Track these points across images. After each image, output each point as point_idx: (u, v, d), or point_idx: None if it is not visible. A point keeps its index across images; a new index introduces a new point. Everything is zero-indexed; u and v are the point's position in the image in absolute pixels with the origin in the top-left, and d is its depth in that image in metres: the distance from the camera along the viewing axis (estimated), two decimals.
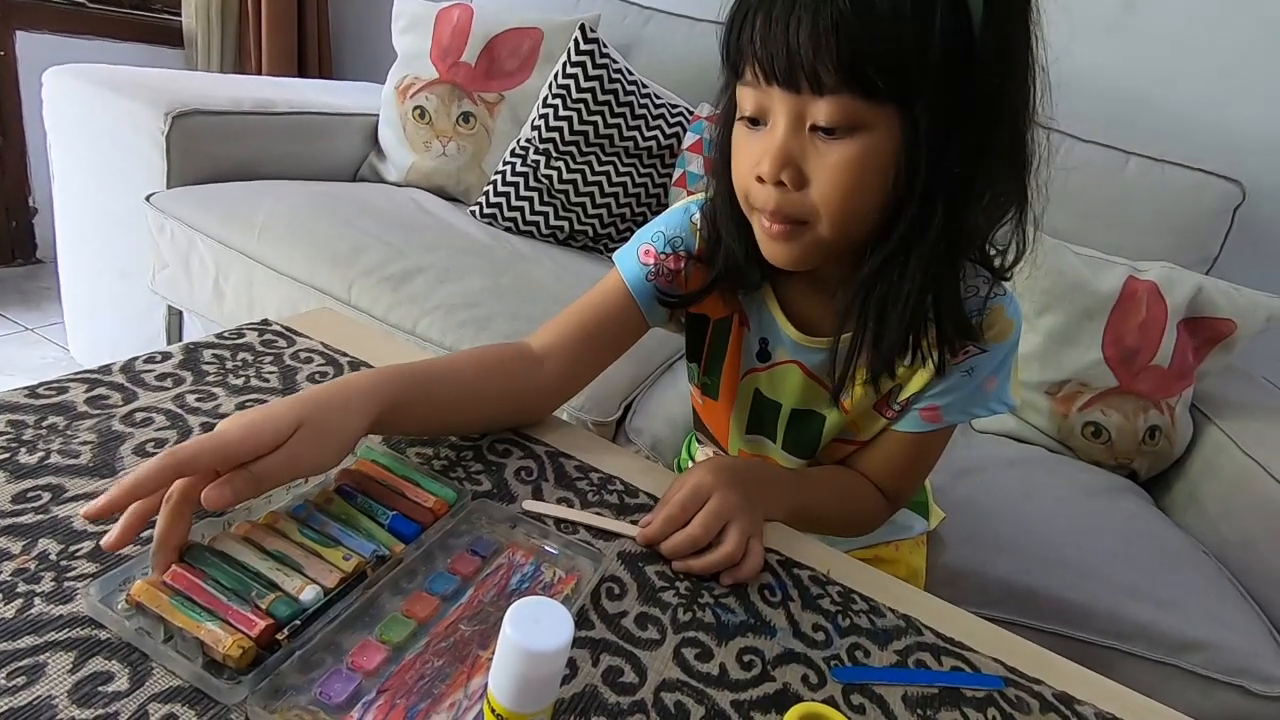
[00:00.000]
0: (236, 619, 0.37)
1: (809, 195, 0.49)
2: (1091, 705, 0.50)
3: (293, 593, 0.39)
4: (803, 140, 0.48)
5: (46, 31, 1.76)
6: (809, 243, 0.51)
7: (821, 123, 0.47)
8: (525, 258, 1.32)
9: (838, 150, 0.47)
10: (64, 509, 0.43)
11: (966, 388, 0.58)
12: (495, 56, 1.50)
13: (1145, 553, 0.96)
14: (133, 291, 1.33)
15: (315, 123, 1.49)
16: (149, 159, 1.22)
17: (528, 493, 0.56)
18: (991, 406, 0.59)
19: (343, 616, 0.39)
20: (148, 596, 0.37)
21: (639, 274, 0.63)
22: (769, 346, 0.63)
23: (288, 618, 0.38)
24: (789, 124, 0.48)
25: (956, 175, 0.48)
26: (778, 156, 0.48)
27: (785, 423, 0.66)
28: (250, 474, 0.40)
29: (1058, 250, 1.18)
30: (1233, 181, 1.31)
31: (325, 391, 0.47)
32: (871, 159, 0.47)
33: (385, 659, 0.39)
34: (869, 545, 0.75)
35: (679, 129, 1.45)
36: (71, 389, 0.53)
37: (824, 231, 0.50)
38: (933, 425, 0.60)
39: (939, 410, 0.60)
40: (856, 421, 0.65)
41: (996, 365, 0.58)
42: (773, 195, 0.49)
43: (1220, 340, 1.18)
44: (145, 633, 0.36)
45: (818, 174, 0.48)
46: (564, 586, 0.47)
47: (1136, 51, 1.44)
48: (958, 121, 0.46)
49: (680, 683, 0.43)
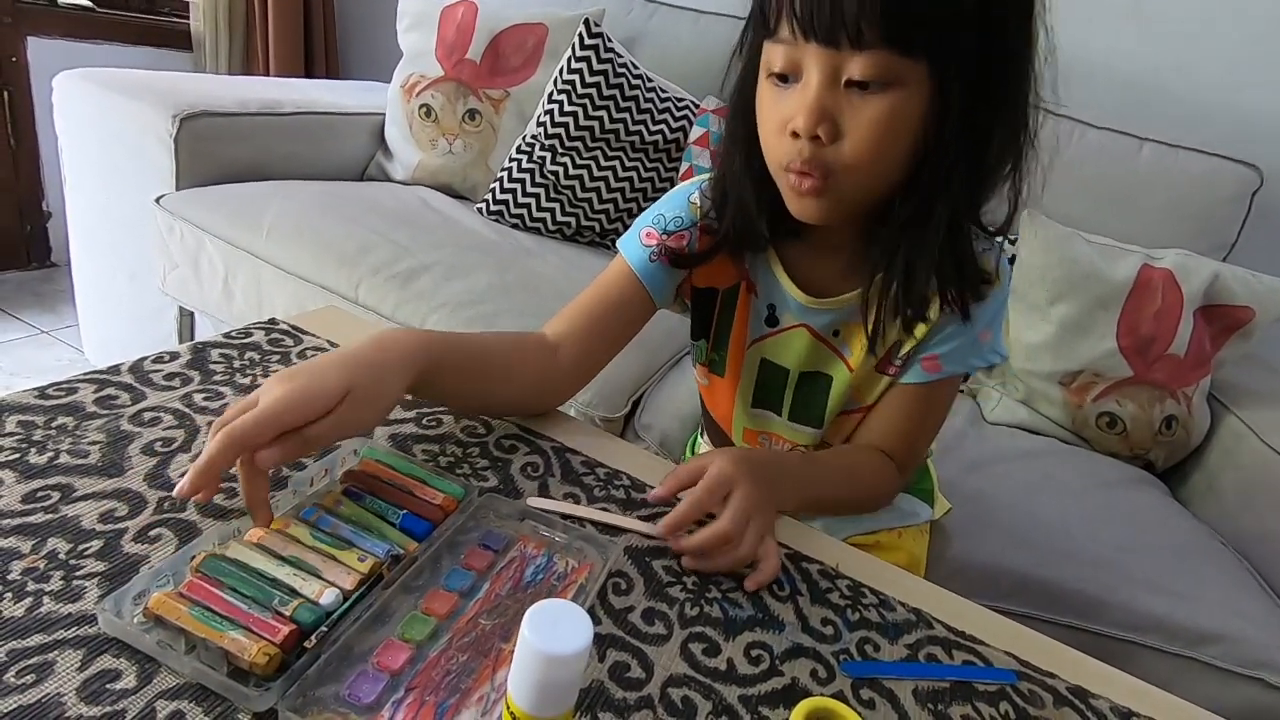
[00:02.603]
0: (259, 626, 0.37)
1: (842, 149, 0.50)
2: (1107, 699, 0.49)
3: (313, 597, 0.39)
4: (837, 95, 0.49)
5: (57, 37, 1.77)
6: (837, 197, 0.53)
7: (858, 77, 0.48)
8: (532, 253, 1.32)
9: (872, 105, 0.48)
10: (73, 508, 0.43)
11: (964, 337, 0.60)
12: (500, 53, 1.50)
13: (1161, 544, 0.95)
14: (144, 293, 1.34)
15: (322, 123, 1.49)
16: (158, 161, 1.23)
17: (534, 488, 0.56)
18: (987, 357, 0.61)
19: (363, 618, 0.39)
20: (166, 609, 0.36)
21: (642, 256, 0.64)
22: (776, 312, 0.64)
23: (311, 623, 0.38)
24: (824, 79, 0.48)
25: (978, 129, 0.50)
26: (814, 110, 0.49)
27: (793, 389, 0.66)
28: (301, 438, 0.43)
29: (1070, 239, 1.17)
30: (1250, 166, 1.29)
31: (369, 354, 0.49)
32: (902, 114, 0.49)
33: (410, 657, 0.39)
34: (871, 531, 0.74)
35: (685, 122, 1.44)
36: (81, 389, 0.54)
37: (852, 185, 0.52)
38: (934, 375, 0.61)
39: (939, 359, 0.61)
40: (860, 386, 0.65)
41: (991, 316, 0.60)
42: (806, 149, 0.50)
43: (1238, 328, 1.16)
44: (167, 645, 0.36)
45: (852, 128, 0.49)
46: (578, 576, 0.47)
47: (1150, 37, 1.42)
48: (983, 77, 0.49)
49: (687, 678, 0.43)
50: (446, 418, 0.62)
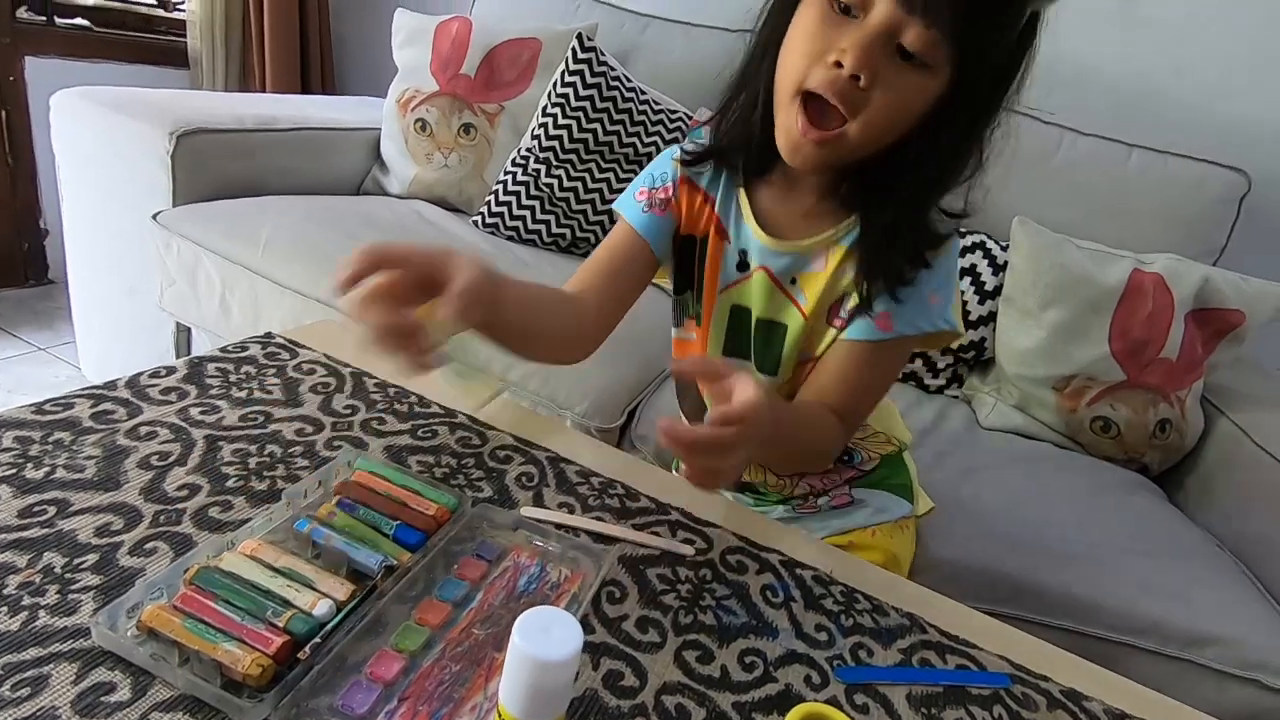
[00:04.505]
0: (252, 638, 0.37)
1: (869, 98, 0.52)
2: (1100, 701, 0.50)
3: (306, 608, 0.39)
4: (888, 52, 0.51)
5: (55, 56, 1.79)
6: (834, 152, 0.55)
7: (908, 46, 0.50)
8: (527, 265, 1.33)
9: (907, 77, 0.52)
10: (69, 522, 0.43)
11: (913, 299, 0.61)
12: (494, 67, 1.51)
13: (1157, 547, 0.95)
14: (142, 309, 1.34)
15: (318, 138, 1.50)
16: (154, 178, 1.24)
17: (529, 498, 0.56)
18: (935, 322, 0.61)
19: (357, 628, 0.40)
20: (159, 622, 0.37)
21: (636, 210, 0.67)
22: (747, 257, 0.66)
23: (305, 634, 0.38)
24: (884, 32, 0.50)
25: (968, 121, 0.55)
26: (869, 52, 0.50)
27: (757, 336, 0.67)
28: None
29: (1061, 245, 1.17)
30: (1237, 171, 1.30)
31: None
32: (924, 94, 0.53)
33: (403, 668, 0.39)
34: (844, 531, 0.74)
35: (678, 134, 1.45)
36: (77, 405, 0.54)
37: (856, 143, 0.54)
38: (884, 334, 0.61)
39: (890, 318, 0.61)
40: (810, 336, 0.65)
41: (939, 281, 0.61)
42: (838, 80, 0.52)
43: (1229, 331, 1.17)
44: (160, 658, 0.36)
45: (883, 89, 0.52)
46: (571, 585, 0.47)
47: (1138, 43, 1.44)
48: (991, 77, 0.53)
49: (681, 685, 0.43)
50: (441, 428, 0.62)
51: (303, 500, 0.49)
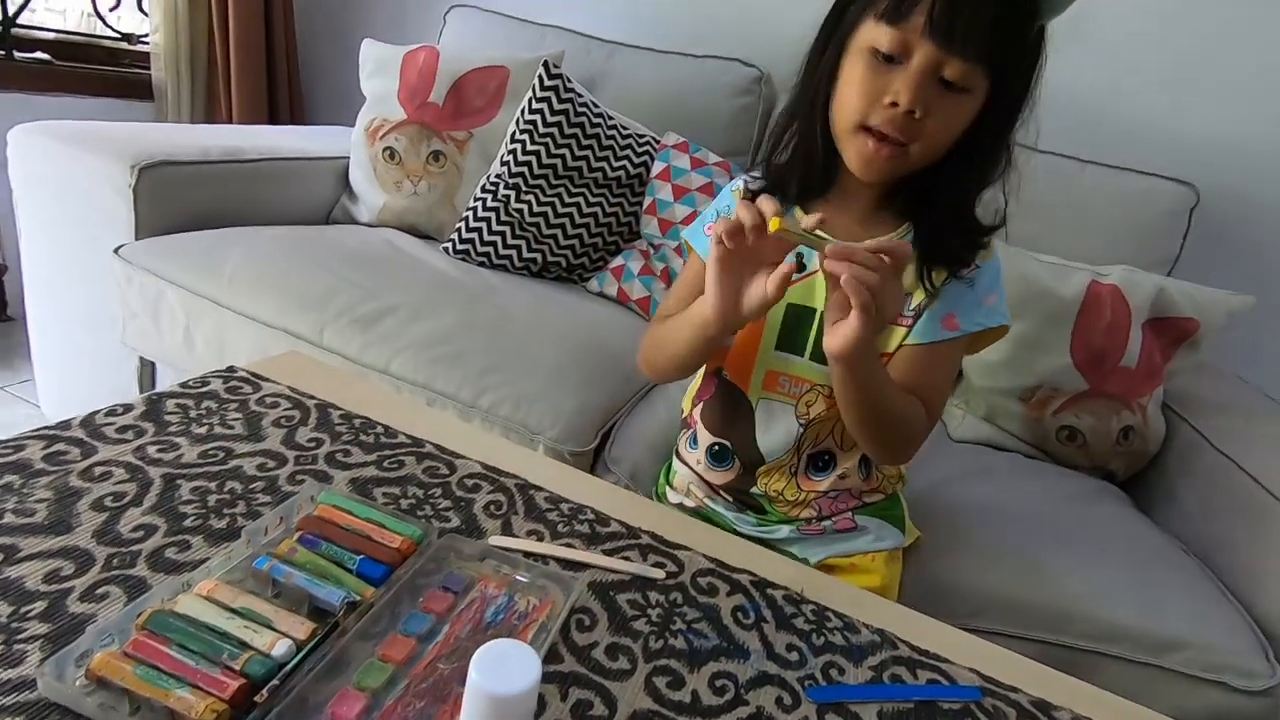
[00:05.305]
0: (207, 682, 0.36)
1: (925, 126, 0.61)
2: (1068, 710, 0.50)
3: (264, 649, 0.39)
4: (934, 86, 0.60)
5: (15, 90, 1.76)
6: (902, 164, 0.64)
7: (950, 78, 0.59)
8: (498, 291, 1.32)
9: (952, 102, 0.61)
10: (16, 569, 0.42)
11: (970, 298, 0.69)
12: (462, 96, 1.52)
13: (1125, 554, 0.96)
14: (103, 345, 1.31)
15: (285, 168, 1.49)
16: (116, 212, 1.22)
17: (497, 527, 0.56)
18: (995, 318, 0.70)
19: (318, 668, 0.39)
20: (109, 669, 0.36)
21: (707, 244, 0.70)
22: (804, 259, 0.70)
23: (263, 676, 0.37)
24: (928, 69, 0.59)
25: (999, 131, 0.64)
26: (919, 91, 0.59)
27: (817, 329, 0.71)
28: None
29: (1020, 258, 1.20)
30: (1185, 184, 1.35)
31: None
32: (968, 113, 0.62)
33: (365, 707, 0.38)
34: (847, 555, 0.76)
35: (647, 157, 1.47)
36: (29, 446, 0.53)
37: (917, 159, 0.63)
38: (951, 333, 0.68)
39: (955, 318, 0.69)
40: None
41: (991, 281, 0.71)
42: (898, 118, 0.61)
43: (1186, 339, 1.20)
44: (110, 708, 0.35)
45: (935, 116, 0.61)
46: (539, 614, 0.47)
47: (1089, 61, 1.49)
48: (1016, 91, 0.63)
49: (651, 713, 0.43)
50: (408, 459, 0.62)
51: (263, 537, 0.48)
